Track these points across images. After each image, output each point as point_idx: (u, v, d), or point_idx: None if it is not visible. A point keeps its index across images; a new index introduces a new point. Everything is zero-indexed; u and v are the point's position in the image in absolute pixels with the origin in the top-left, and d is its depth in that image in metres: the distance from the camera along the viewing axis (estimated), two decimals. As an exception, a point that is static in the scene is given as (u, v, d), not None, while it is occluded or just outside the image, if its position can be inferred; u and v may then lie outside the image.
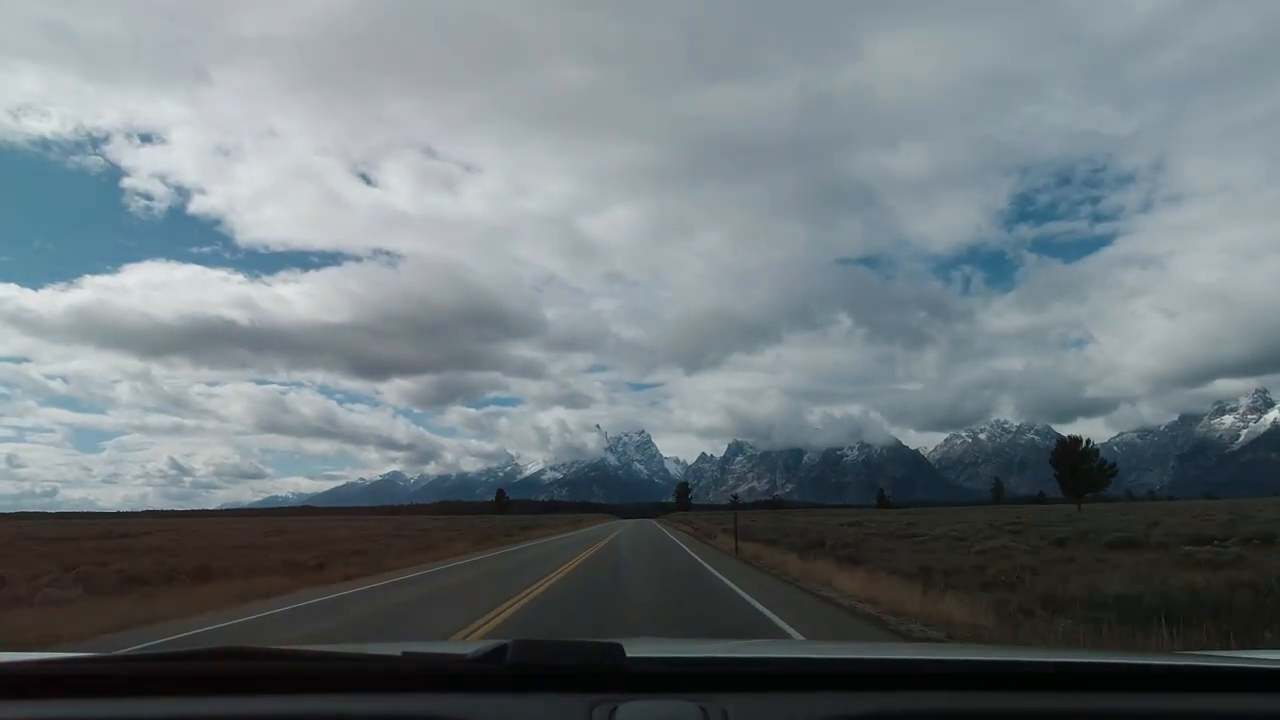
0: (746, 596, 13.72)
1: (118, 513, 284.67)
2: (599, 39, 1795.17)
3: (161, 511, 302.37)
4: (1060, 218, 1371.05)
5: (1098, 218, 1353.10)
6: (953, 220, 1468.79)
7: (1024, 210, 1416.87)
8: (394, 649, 1.82)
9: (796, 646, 4.13)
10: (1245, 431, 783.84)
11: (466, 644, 2.03)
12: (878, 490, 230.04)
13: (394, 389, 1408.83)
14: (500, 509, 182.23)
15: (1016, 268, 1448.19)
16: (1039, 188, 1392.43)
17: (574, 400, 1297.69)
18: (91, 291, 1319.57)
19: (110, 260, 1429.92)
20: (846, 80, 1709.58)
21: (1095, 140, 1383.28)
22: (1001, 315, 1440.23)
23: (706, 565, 21.69)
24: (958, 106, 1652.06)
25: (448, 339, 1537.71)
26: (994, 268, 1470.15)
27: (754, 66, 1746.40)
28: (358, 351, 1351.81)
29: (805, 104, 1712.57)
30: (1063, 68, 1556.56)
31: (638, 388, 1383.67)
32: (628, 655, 1.69)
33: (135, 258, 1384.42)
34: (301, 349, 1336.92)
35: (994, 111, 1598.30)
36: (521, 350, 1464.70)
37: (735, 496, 46.84)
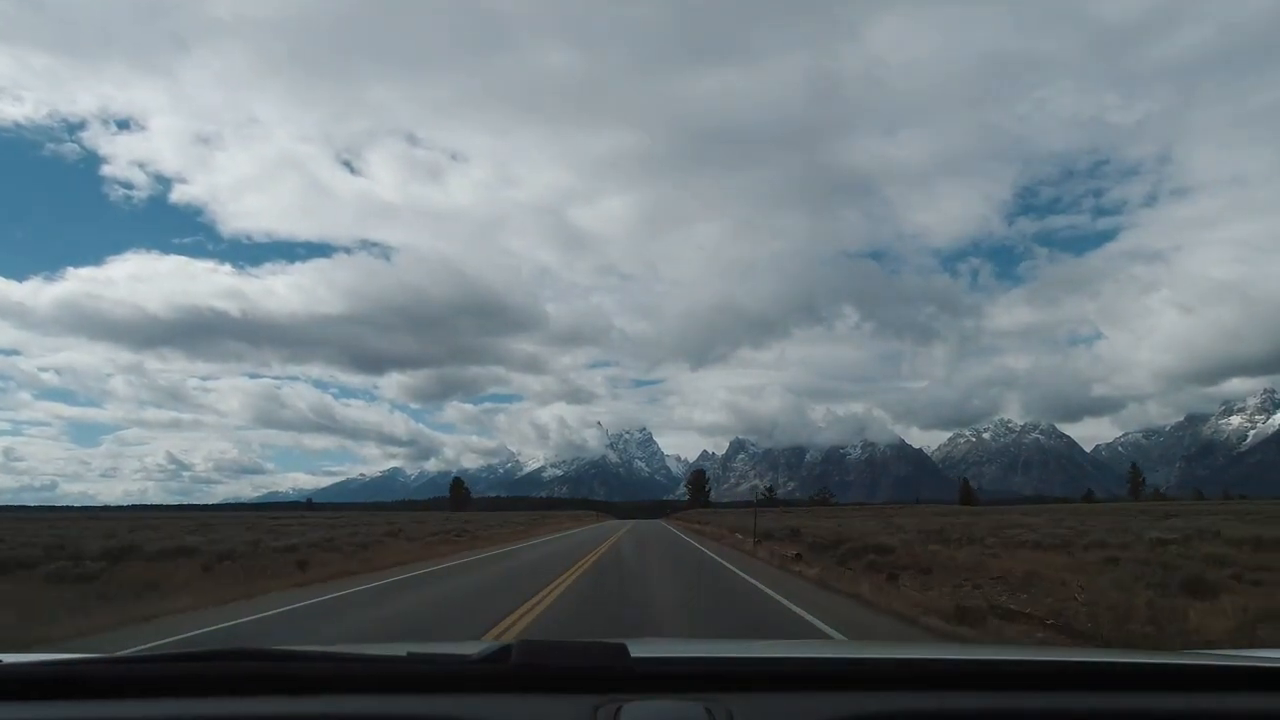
0: None
1: (120, 507, 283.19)
2: (588, 21, 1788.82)
3: (163, 506, 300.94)
4: (1065, 210, 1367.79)
5: (1102, 211, 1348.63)
6: (958, 213, 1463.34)
7: (1029, 203, 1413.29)
8: (398, 649, 1.81)
9: (801, 646, 3.98)
10: (1253, 432, 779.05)
11: (471, 644, 2.07)
12: (961, 483, 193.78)
13: (392, 383, 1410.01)
14: (457, 505, 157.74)
15: (1023, 262, 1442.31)
16: (1043, 179, 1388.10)
17: (575, 396, 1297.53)
18: (77, 283, 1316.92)
19: (93, 250, 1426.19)
20: (845, 64, 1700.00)
21: (1100, 129, 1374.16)
22: (1008, 311, 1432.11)
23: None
24: (960, 92, 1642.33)
25: (445, 333, 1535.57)
26: (1001, 261, 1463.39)
27: (748, 50, 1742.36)
28: (353, 345, 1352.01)
29: (803, 89, 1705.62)
30: (1066, 52, 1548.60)
31: (639, 384, 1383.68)
32: (632, 655, 1.69)
33: (118, 248, 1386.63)
34: (295, 342, 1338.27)
35: (997, 98, 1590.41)
36: (523, 345, 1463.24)
37: (770, 489, 43.36)
